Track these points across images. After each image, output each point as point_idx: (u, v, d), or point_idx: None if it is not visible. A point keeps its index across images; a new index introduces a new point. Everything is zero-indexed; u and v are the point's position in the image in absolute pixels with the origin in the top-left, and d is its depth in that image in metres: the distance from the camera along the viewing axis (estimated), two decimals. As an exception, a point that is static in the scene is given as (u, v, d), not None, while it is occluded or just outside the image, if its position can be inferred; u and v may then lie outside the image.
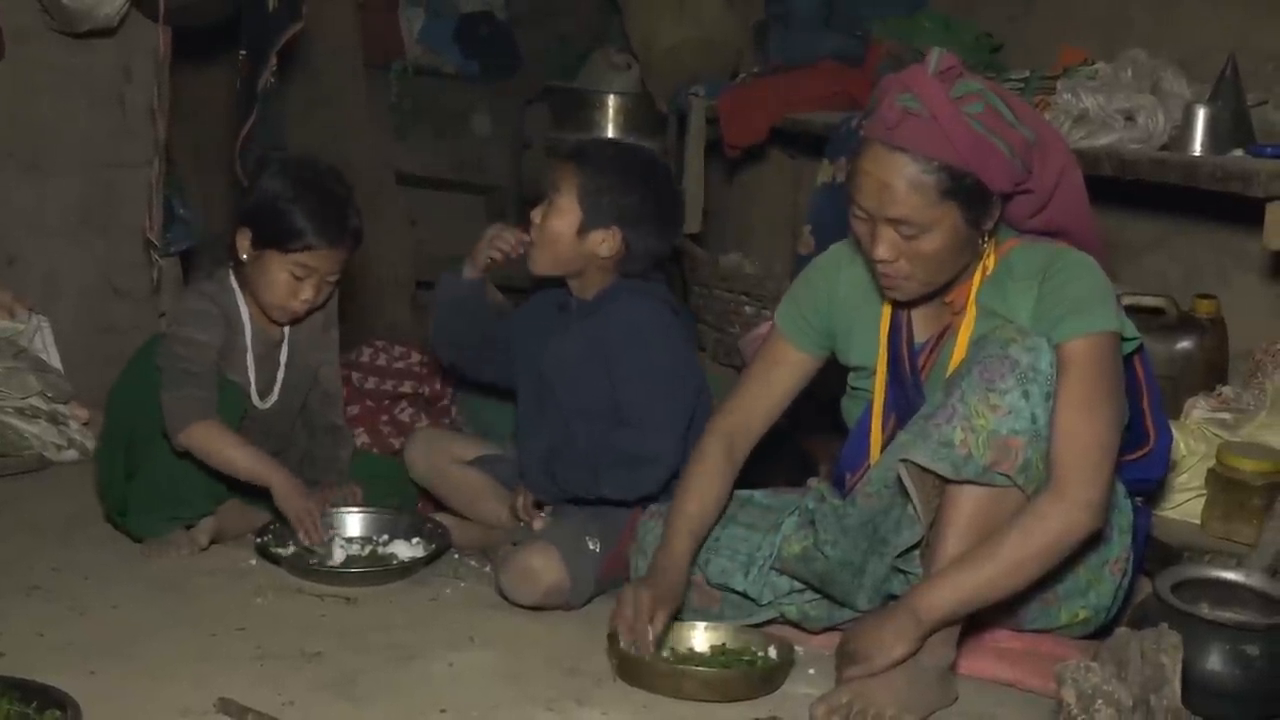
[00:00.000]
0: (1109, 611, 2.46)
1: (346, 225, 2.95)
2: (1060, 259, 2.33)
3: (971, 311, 2.38)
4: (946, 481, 2.25)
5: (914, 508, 2.29)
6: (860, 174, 2.29)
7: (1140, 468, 2.48)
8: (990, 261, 2.38)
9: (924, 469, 2.24)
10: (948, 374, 2.34)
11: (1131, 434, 2.43)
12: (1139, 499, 2.51)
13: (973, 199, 2.27)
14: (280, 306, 2.95)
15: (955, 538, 2.24)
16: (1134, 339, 2.37)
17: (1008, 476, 2.21)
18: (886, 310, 2.49)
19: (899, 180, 2.24)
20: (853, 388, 2.58)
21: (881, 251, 2.30)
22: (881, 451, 2.46)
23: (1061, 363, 2.24)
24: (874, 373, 2.51)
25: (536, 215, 2.89)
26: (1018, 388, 2.20)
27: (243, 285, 2.97)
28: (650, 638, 2.38)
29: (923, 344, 2.46)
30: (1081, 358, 2.24)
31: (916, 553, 2.35)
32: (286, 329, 3.04)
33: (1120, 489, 2.41)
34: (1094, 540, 2.29)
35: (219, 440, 2.84)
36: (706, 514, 2.54)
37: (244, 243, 2.93)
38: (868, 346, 2.52)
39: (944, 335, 2.44)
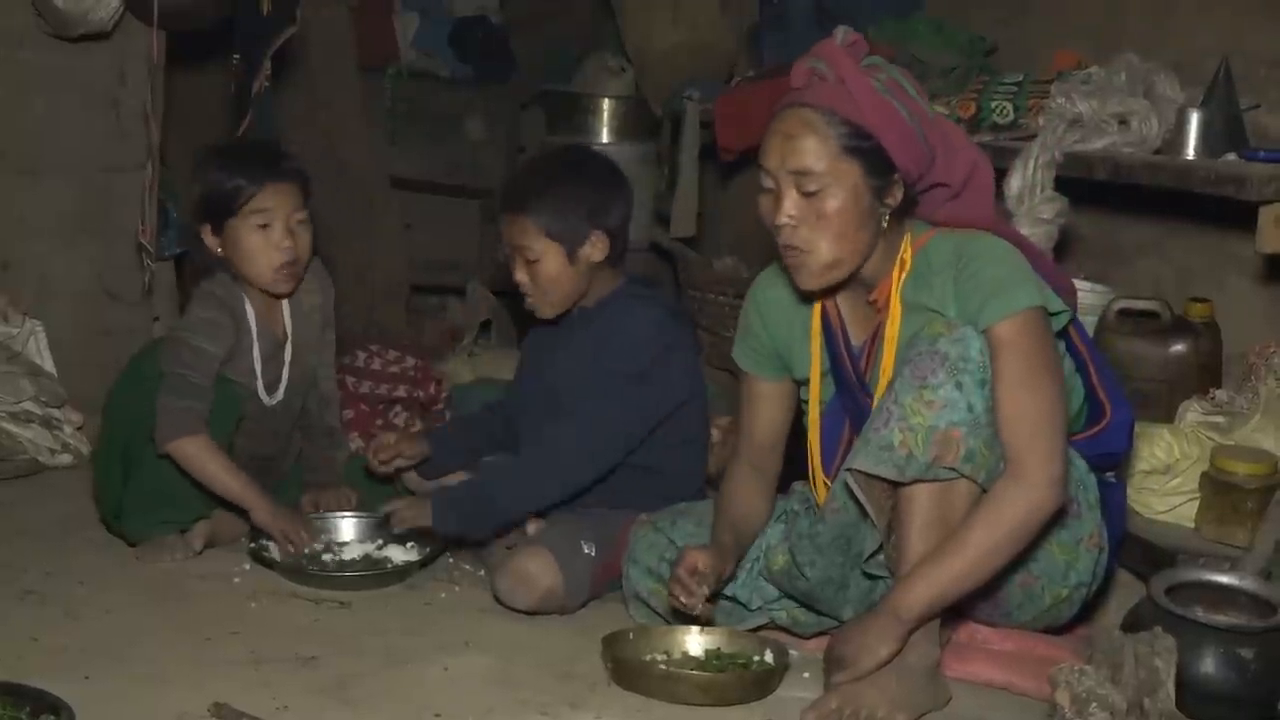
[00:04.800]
0: (1090, 587, 2.47)
1: (277, 161, 2.97)
2: (969, 245, 2.33)
3: (897, 309, 2.38)
4: (895, 484, 2.25)
5: (869, 515, 2.29)
6: (767, 136, 2.33)
7: (1100, 443, 2.46)
8: (907, 256, 2.38)
9: (870, 475, 2.25)
10: (884, 372, 2.35)
11: (1086, 408, 2.44)
12: (1110, 474, 2.50)
13: (874, 163, 2.28)
14: (268, 269, 2.94)
15: (917, 536, 2.25)
16: (1062, 312, 2.37)
17: (953, 469, 2.21)
18: (816, 317, 2.49)
19: (803, 130, 2.28)
20: (805, 405, 2.58)
21: (787, 209, 2.30)
22: (822, 460, 2.49)
23: (993, 347, 2.24)
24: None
25: (522, 275, 2.86)
26: (949, 380, 2.21)
27: (236, 280, 2.98)
28: (703, 593, 2.40)
29: (860, 347, 2.46)
30: (1012, 338, 2.25)
31: (881, 557, 2.35)
32: (290, 327, 3.04)
33: (1081, 465, 2.41)
34: (1060, 518, 2.30)
35: (204, 458, 2.83)
36: (742, 515, 2.55)
37: (209, 238, 2.96)
38: (807, 359, 2.53)
39: (876, 335, 2.44)
